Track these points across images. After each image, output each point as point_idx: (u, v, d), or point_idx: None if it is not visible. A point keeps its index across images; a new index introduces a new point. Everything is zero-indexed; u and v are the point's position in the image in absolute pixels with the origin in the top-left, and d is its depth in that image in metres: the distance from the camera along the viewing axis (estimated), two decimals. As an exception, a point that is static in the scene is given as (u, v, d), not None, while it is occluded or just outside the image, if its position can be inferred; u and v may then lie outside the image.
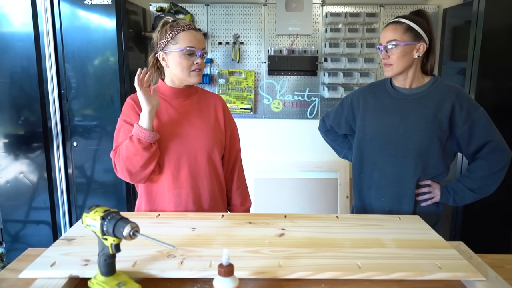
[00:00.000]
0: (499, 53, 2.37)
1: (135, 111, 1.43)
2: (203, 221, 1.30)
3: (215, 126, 1.52)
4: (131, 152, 1.33)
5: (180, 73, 1.42)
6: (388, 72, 1.54)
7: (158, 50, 1.43)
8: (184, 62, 1.40)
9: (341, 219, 1.34)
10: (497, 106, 2.43)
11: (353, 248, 1.11)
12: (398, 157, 1.55)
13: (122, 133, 1.42)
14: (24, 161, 2.55)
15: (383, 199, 1.60)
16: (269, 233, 1.21)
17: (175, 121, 1.46)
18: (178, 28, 1.39)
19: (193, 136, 1.46)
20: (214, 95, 1.60)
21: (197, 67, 1.42)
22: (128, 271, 0.98)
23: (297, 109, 2.99)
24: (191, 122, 1.47)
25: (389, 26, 1.52)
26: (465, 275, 0.99)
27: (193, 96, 1.52)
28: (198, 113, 1.50)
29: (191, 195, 1.46)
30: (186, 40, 1.39)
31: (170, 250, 1.08)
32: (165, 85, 1.48)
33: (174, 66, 1.41)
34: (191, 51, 1.40)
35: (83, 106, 2.51)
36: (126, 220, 0.87)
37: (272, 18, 2.87)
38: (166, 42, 1.40)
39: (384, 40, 1.52)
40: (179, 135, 1.45)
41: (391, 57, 1.50)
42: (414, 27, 1.49)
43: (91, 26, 2.42)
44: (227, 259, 0.85)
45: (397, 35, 1.48)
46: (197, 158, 1.46)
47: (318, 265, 1.01)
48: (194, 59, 1.41)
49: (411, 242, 1.16)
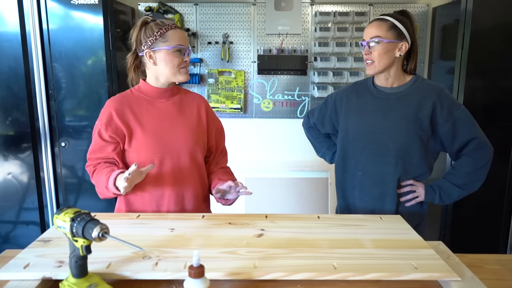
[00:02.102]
0: (488, 52, 2.37)
1: (112, 126, 1.41)
2: (183, 222, 1.30)
3: (198, 126, 1.52)
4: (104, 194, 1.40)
5: (169, 71, 1.42)
6: (369, 70, 1.55)
7: (144, 48, 1.41)
8: (175, 59, 1.41)
9: (322, 219, 1.33)
10: (486, 105, 2.43)
11: (331, 248, 1.11)
12: (380, 157, 1.55)
13: (96, 145, 1.44)
14: (13, 161, 2.53)
15: (366, 199, 1.59)
16: (248, 234, 1.20)
17: (157, 121, 1.45)
18: (166, 26, 1.40)
19: (176, 136, 1.45)
20: (196, 95, 1.59)
21: (185, 65, 1.44)
22: (102, 272, 0.97)
23: (287, 108, 2.98)
24: (173, 122, 1.47)
25: (373, 23, 1.52)
26: (440, 275, 0.98)
27: (176, 96, 1.52)
28: (181, 113, 1.50)
29: (173, 196, 1.45)
30: (176, 38, 1.41)
31: (146, 251, 1.07)
32: (147, 85, 1.47)
33: (163, 64, 1.41)
34: (181, 48, 1.41)
35: (71, 106, 2.50)
36: (95, 222, 0.86)
37: (261, 18, 2.86)
38: (154, 40, 1.39)
39: (367, 36, 1.52)
40: (161, 135, 1.44)
41: (373, 54, 1.50)
42: (398, 25, 1.49)
43: (79, 26, 2.41)
44: (197, 260, 0.84)
45: (380, 31, 1.49)
46: (180, 158, 1.46)
47: (293, 265, 1.01)
48: (183, 56, 1.43)
49: (389, 242, 1.16)
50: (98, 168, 1.42)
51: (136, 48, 1.45)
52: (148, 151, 1.42)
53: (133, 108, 1.44)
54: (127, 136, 1.42)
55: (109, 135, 1.41)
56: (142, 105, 1.45)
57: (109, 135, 1.41)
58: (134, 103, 1.45)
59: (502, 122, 2.43)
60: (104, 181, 1.37)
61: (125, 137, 1.42)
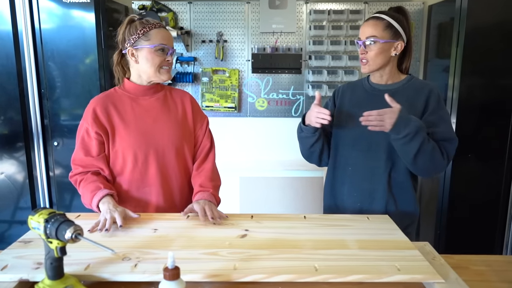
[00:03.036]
0: (483, 50, 2.35)
1: (97, 123, 1.41)
2: (166, 222, 1.29)
3: (183, 121, 1.51)
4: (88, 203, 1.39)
5: (150, 70, 1.41)
6: (364, 68, 1.54)
7: (127, 46, 1.41)
8: (156, 58, 1.40)
9: (309, 220, 1.32)
10: (481, 104, 2.42)
11: (314, 249, 1.09)
12: (370, 151, 1.54)
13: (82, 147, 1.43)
14: (6, 161, 2.52)
15: (355, 194, 1.58)
16: (231, 234, 1.19)
17: (141, 118, 1.44)
18: (150, 25, 1.39)
19: (160, 133, 1.45)
20: (181, 92, 1.59)
21: (167, 64, 1.43)
22: (80, 274, 0.96)
23: (282, 107, 2.97)
24: (158, 119, 1.46)
25: (369, 22, 1.50)
26: (423, 277, 0.97)
27: (160, 93, 1.51)
28: (165, 109, 1.49)
29: (161, 192, 1.45)
30: (159, 37, 1.39)
31: (125, 252, 1.06)
32: (130, 83, 1.46)
33: (145, 62, 1.40)
34: (163, 48, 1.40)
35: (63, 105, 2.49)
36: (69, 223, 0.85)
37: (255, 16, 2.85)
38: (137, 38, 1.38)
39: (363, 35, 1.50)
40: (145, 132, 1.43)
41: (368, 53, 1.49)
42: (394, 24, 1.47)
43: (71, 25, 2.40)
44: (173, 262, 0.83)
45: (376, 31, 1.47)
46: (165, 154, 1.45)
47: (274, 267, 0.99)
48: (165, 56, 1.42)
49: (374, 243, 1.14)
50: (85, 180, 1.41)
51: (121, 45, 1.44)
52: (132, 148, 1.41)
53: (116, 106, 1.44)
54: (111, 134, 1.41)
55: (96, 131, 1.40)
56: (126, 103, 1.45)
57: (95, 131, 1.40)
58: (118, 101, 1.45)
59: (497, 120, 2.41)
60: (88, 198, 1.37)
61: (108, 135, 1.41)
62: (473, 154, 2.46)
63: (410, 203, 1.57)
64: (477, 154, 2.46)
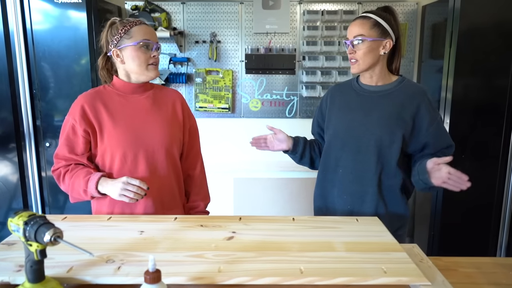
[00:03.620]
0: (476, 51, 2.35)
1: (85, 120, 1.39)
2: (153, 224, 1.27)
3: (173, 121, 1.50)
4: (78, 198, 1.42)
5: (137, 68, 1.39)
6: (354, 68, 1.53)
7: (111, 47, 1.39)
8: (141, 55, 1.38)
9: (297, 221, 1.30)
10: (475, 105, 2.41)
11: (300, 251, 1.08)
12: (361, 154, 1.53)
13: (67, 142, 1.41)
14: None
15: (345, 197, 1.57)
16: (218, 237, 1.18)
17: (131, 116, 1.43)
18: (130, 23, 1.38)
19: (150, 132, 1.43)
20: (172, 91, 1.58)
21: (154, 61, 1.41)
22: (62, 277, 0.95)
23: (275, 108, 2.96)
24: (148, 118, 1.45)
25: (356, 21, 1.49)
26: (409, 279, 0.96)
27: (149, 91, 1.49)
28: (156, 108, 1.47)
29: (150, 191, 1.43)
30: (141, 33, 1.38)
31: (110, 255, 1.05)
32: (120, 81, 1.45)
33: (131, 61, 1.38)
34: (147, 43, 1.39)
35: (55, 106, 2.48)
36: (49, 225, 0.84)
37: (249, 16, 2.84)
38: (119, 38, 1.37)
39: (350, 34, 1.49)
40: (135, 131, 1.42)
41: (357, 53, 1.48)
42: (381, 23, 1.47)
43: (63, 25, 2.38)
44: (153, 265, 0.82)
45: (364, 30, 1.46)
46: (155, 154, 1.44)
47: (259, 270, 0.98)
48: (150, 52, 1.40)
49: (362, 245, 1.13)
50: (70, 171, 1.40)
51: (106, 48, 1.43)
52: (121, 146, 1.39)
53: (105, 103, 1.42)
54: (99, 131, 1.40)
55: (84, 129, 1.39)
56: (115, 100, 1.43)
57: (83, 129, 1.39)
58: (107, 98, 1.43)
59: (491, 121, 2.41)
60: (81, 184, 1.36)
61: (96, 132, 1.40)
62: (467, 155, 2.46)
63: (400, 205, 1.57)
64: (471, 155, 2.46)
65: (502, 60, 2.34)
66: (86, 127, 1.39)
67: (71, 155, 1.40)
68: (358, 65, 1.50)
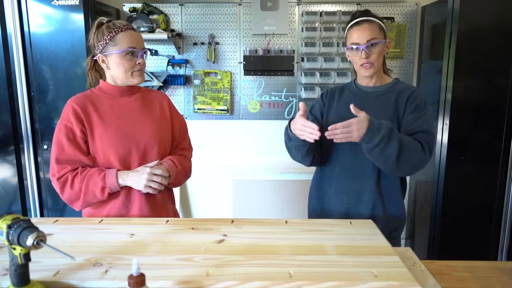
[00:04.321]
0: (476, 51, 2.32)
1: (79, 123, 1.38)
2: (144, 227, 1.26)
3: (162, 120, 1.51)
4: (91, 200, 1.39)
5: (122, 75, 1.39)
6: (368, 72, 1.52)
7: (97, 52, 1.39)
8: (126, 63, 1.38)
9: (290, 224, 1.29)
10: (475, 106, 2.39)
11: (291, 255, 1.07)
12: (358, 152, 1.51)
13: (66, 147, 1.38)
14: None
15: (342, 196, 1.56)
16: (208, 240, 1.16)
17: (121, 118, 1.43)
18: (116, 29, 1.36)
19: (141, 132, 1.44)
20: (158, 92, 1.59)
21: (139, 68, 1.40)
22: (48, 281, 0.94)
23: (274, 109, 2.94)
24: (139, 119, 1.45)
25: (365, 26, 1.48)
26: (400, 284, 0.94)
27: (137, 94, 1.50)
28: (145, 109, 1.48)
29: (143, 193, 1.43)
30: (126, 41, 1.37)
31: (98, 258, 1.04)
32: (107, 84, 1.45)
33: (116, 68, 1.38)
34: (132, 51, 1.38)
35: (53, 108, 2.48)
36: (32, 229, 0.83)
37: (247, 18, 2.82)
38: (104, 44, 1.37)
39: (363, 39, 1.47)
40: (126, 131, 1.42)
41: (371, 56, 1.49)
42: (382, 25, 1.51)
43: (60, 28, 2.38)
44: (137, 269, 0.80)
45: (375, 33, 1.48)
46: (147, 154, 1.44)
47: (248, 273, 0.97)
48: (135, 59, 1.39)
49: (354, 248, 1.11)
50: (80, 173, 1.37)
51: (93, 51, 1.43)
52: (113, 148, 1.39)
53: (95, 106, 1.42)
54: (89, 133, 1.40)
55: (80, 129, 1.38)
56: (104, 103, 1.43)
57: (80, 130, 1.38)
58: (96, 101, 1.43)
59: (491, 123, 2.38)
60: (98, 183, 1.35)
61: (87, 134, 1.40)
62: (467, 156, 2.43)
63: (398, 205, 1.55)
64: (471, 157, 2.43)
65: (502, 61, 2.32)
66: (82, 127, 1.39)
67: (77, 157, 1.38)
68: (373, 68, 1.51)
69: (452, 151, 2.43)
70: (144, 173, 1.35)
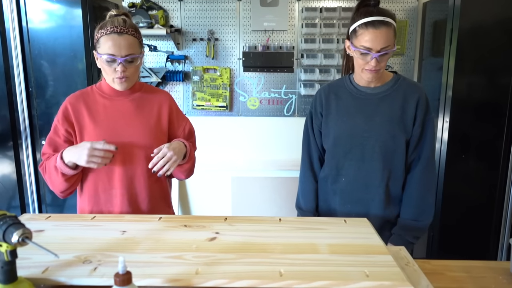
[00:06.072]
0: (477, 48, 2.30)
1: (67, 121, 1.40)
2: (137, 224, 1.25)
3: (156, 125, 1.46)
4: (54, 180, 1.37)
5: (107, 78, 1.39)
6: (374, 77, 1.41)
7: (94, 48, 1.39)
8: (106, 68, 1.34)
9: (284, 222, 1.28)
10: (475, 103, 2.37)
11: (283, 253, 1.05)
12: (365, 161, 1.47)
13: (49, 142, 1.41)
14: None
15: (349, 206, 1.51)
16: (200, 237, 1.15)
17: (112, 118, 1.41)
18: (102, 30, 1.32)
19: (129, 135, 1.41)
20: (160, 92, 1.52)
21: (119, 76, 1.33)
22: (36, 278, 0.93)
23: (274, 106, 2.93)
24: (129, 121, 1.42)
25: (382, 30, 1.32)
26: (392, 284, 0.92)
27: (136, 94, 1.46)
28: (139, 112, 1.44)
29: (126, 196, 1.41)
30: (106, 46, 1.30)
31: (88, 255, 1.03)
32: (105, 83, 1.44)
33: (102, 70, 1.38)
34: (109, 58, 1.31)
35: (51, 103, 2.47)
36: (18, 226, 0.82)
37: (247, 14, 2.81)
38: (95, 43, 1.36)
39: (377, 46, 1.32)
40: (113, 132, 1.40)
41: (381, 64, 1.36)
42: (395, 27, 1.37)
43: (58, 22, 2.37)
44: (123, 267, 0.79)
45: (390, 39, 1.34)
46: (133, 157, 1.41)
47: (238, 272, 0.95)
48: (114, 66, 1.33)
49: (347, 247, 1.10)
50: (47, 159, 1.41)
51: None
52: None
53: (88, 105, 1.41)
54: (78, 132, 1.39)
55: (65, 129, 1.39)
56: (98, 102, 1.42)
57: (65, 129, 1.39)
58: (91, 100, 1.43)
59: (492, 120, 2.36)
60: (53, 162, 1.35)
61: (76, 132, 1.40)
62: (467, 154, 2.41)
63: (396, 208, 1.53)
64: (471, 155, 2.41)
65: (504, 58, 2.29)
66: (68, 127, 1.39)
67: (54, 153, 1.40)
68: (378, 73, 1.40)
69: (452, 149, 2.41)
70: (84, 148, 1.27)
